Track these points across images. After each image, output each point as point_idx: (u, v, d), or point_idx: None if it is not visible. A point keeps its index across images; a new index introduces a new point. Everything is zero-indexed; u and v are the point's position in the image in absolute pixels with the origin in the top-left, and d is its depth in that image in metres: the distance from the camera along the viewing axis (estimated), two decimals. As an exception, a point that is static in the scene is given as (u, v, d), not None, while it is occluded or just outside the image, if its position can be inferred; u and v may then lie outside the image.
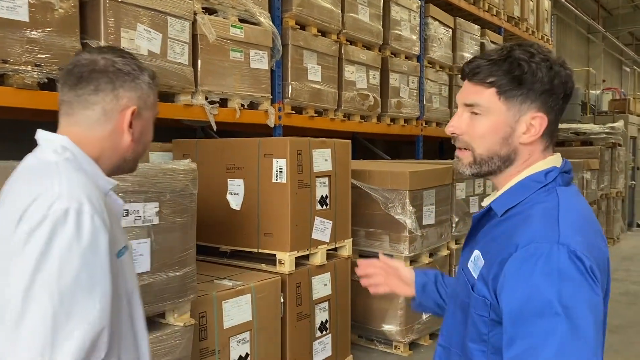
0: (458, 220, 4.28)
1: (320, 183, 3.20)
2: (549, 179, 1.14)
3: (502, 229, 1.14)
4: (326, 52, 4.27)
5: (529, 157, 1.17)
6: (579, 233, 1.04)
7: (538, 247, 1.01)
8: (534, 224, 1.06)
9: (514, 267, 1.03)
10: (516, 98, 1.13)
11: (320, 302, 3.24)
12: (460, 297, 1.21)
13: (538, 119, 1.14)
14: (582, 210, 1.13)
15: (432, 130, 5.90)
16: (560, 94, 1.15)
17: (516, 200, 1.15)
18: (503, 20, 7.37)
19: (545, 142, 1.17)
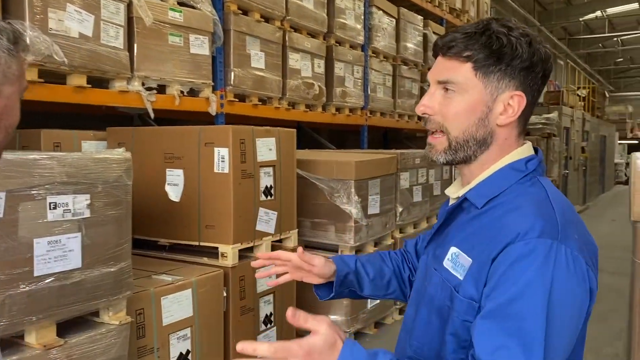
0: (402, 210, 4.29)
1: (265, 173, 3.12)
2: (530, 167, 1.06)
3: (485, 222, 1.03)
4: (270, 38, 4.17)
5: (504, 142, 1.08)
6: (573, 228, 0.97)
7: (538, 243, 0.92)
8: (529, 214, 0.97)
9: (508, 261, 0.94)
10: (494, 74, 1.04)
11: (264, 295, 3.17)
12: (438, 301, 1.08)
13: (517, 98, 1.05)
14: (566, 202, 1.05)
15: (377, 120, 5.90)
16: (539, 72, 1.06)
17: (497, 190, 1.05)
18: (445, 12, 7.46)
19: (520, 126, 1.09)
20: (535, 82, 1.06)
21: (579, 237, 0.96)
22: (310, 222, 3.78)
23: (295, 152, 3.39)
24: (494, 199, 1.05)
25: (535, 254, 0.91)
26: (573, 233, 0.95)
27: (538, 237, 0.92)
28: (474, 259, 1.01)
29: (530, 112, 1.08)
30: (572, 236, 0.94)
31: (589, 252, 0.96)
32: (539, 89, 1.08)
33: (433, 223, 4.97)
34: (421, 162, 4.60)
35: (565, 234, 0.93)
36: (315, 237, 3.78)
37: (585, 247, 0.96)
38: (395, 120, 6.29)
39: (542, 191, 1.02)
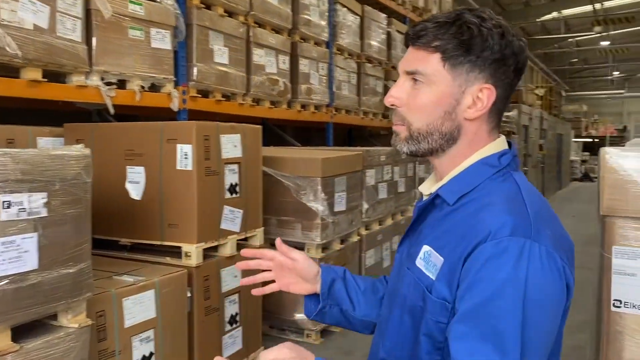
0: (368, 207, 4.30)
1: (230, 170, 3.06)
2: (503, 162, 1.03)
3: (457, 219, 1.00)
4: (234, 34, 4.10)
5: (474, 137, 1.04)
6: (547, 224, 0.94)
7: (510, 241, 0.89)
8: (501, 212, 0.94)
9: (480, 261, 0.90)
10: (463, 66, 1.01)
11: (230, 295, 3.11)
12: (410, 301, 1.04)
13: (486, 91, 1.01)
14: (540, 197, 1.02)
15: (342, 117, 5.90)
16: (511, 65, 1.02)
17: (470, 186, 1.02)
18: (408, 10, 7.51)
19: (492, 120, 1.05)
20: (507, 76, 1.02)
21: (553, 233, 0.93)
22: (276, 219, 3.74)
23: (261, 149, 3.34)
24: (466, 195, 1.02)
25: (508, 253, 0.88)
26: (546, 229, 0.92)
27: (510, 235, 0.89)
28: (445, 258, 0.98)
29: (503, 106, 1.05)
30: (546, 233, 0.91)
31: (563, 248, 0.93)
32: (512, 82, 1.04)
33: (398, 220, 5.00)
34: (386, 160, 4.61)
35: (538, 231, 0.90)
36: (281, 235, 3.74)
37: (559, 243, 0.93)
38: (360, 117, 6.30)
39: (515, 187, 0.99)
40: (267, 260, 1.32)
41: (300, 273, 1.27)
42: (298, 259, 1.28)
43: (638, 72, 29.31)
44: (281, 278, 1.30)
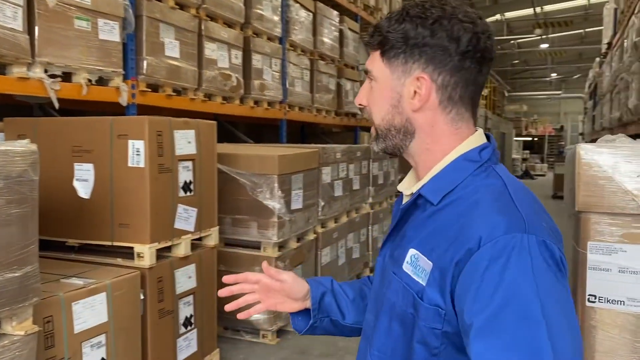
0: (324, 204, 4.27)
1: (184, 167, 2.95)
2: (483, 157, 0.99)
3: (443, 220, 0.96)
4: (185, 27, 3.97)
5: (431, 129, 1.01)
6: (539, 217, 0.91)
7: (507, 239, 0.84)
8: (490, 212, 0.89)
9: (481, 266, 0.84)
10: (398, 58, 1.00)
11: (184, 297, 3.01)
12: (399, 308, 0.99)
13: (422, 81, 0.98)
14: (527, 190, 0.98)
15: (295, 114, 5.84)
16: (451, 50, 0.96)
17: (452, 184, 0.97)
18: (360, 8, 7.54)
19: (448, 109, 1.00)
20: (448, 62, 0.97)
21: (547, 224, 0.90)
22: (231, 218, 3.65)
23: (216, 145, 3.25)
24: (449, 193, 0.98)
25: (507, 251, 0.83)
26: (540, 221, 0.89)
27: (505, 233, 0.85)
28: (434, 263, 0.93)
29: (454, 93, 1.00)
30: (540, 224, 0.88)
31: (557, 239, 0.90)
32: (462, 67, 0.98)
33: (353, 217, 5.00)
34: (342, 157, 4.60)
35: (533, 224, 0.87)
36: (236, 234, 3.66)
37: (554, 234, 0.90)
38: (314, 115, 6.27)
39: (499, 182, 0.95)
40: (251, 284, 1.27)
41: (289, 294, 1.24)
42: (287, 280, 1.23)
43: (574, 74, 30.68)
44: (267, 299, 1.26)
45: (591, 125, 14.62)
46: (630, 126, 6.81)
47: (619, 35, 8.38)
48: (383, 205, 5.83)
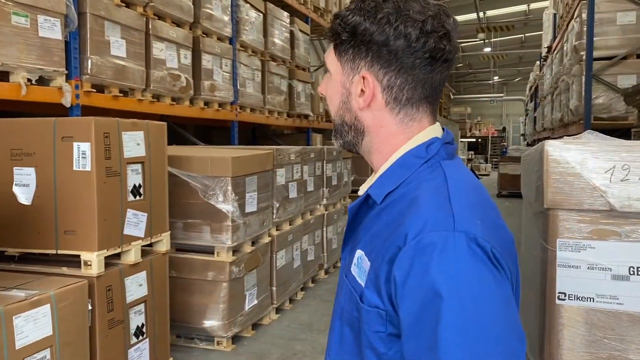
0: (278, 206, 4.20)
1: (133, 170, 2.83)
2: (430, 152, 0.94)
3: (385, 220, 0.92)
4: (132, 25, 3.83)
5: (380, 128, 0.97)
6: (476, 213, 0.85)
7: (431, 237, 0.80)
8: (422, 208, 0.85)
9: (406, 264, 0.81)
10: (347, 53, 0.96)
11: (135, 305, 2.88)
12: (347, 311, 0.95)
13: (366, 79, 0.95)
14: (474, 185, 0.94)
15: (247, 115, 5.75)
16: (398, 48, 0.91)
17: (396, 182, 0.94)
18: (310, 10, 7.52)
19: (395, 111, 0.96)
20: (395, 60, 0.92)
21: (484, 222, 0.84)
22: (182, 223, 3.54)
23: (166, 147, 3.14)
24: (393, 191, 0.94)
25: (429, 250, 0.79)
26: (474, 218, 0.83)
27: (430, 231, 0.81)
28: (372, 262, 0.89)
29: (403, 92, 0.94)
30: (473, 222, 0.82)
31: (497, 237, 0.84)
32: (412, 65, 0.92)
33: (308, 219, 4.95)
34: (296, 159, 4.54)
35: (464, 221, 0.81)
36: (188, 239, 3.55)
37: (492, 232, 0.84)
38: (265, 116, 6.19)
39: (441, 177, 0.90)
40: None
41: None
42: None
43: (515, 77, 31.78)
44: None
45: (533, 126, 15.12)
46: (571, 126, 7.08)
47: (558, 39, 8.71)
48: (337, 207, 5.82)
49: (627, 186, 1.16)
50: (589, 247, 1.21)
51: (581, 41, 6.08)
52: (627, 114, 5.84)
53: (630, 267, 1.17)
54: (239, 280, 3.65)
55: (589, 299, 1.23)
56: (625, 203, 1.16)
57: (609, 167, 1.14)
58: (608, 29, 5.93)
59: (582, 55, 6.04)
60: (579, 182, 1.20)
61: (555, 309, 1.27)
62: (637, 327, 1.17)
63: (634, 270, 1.16)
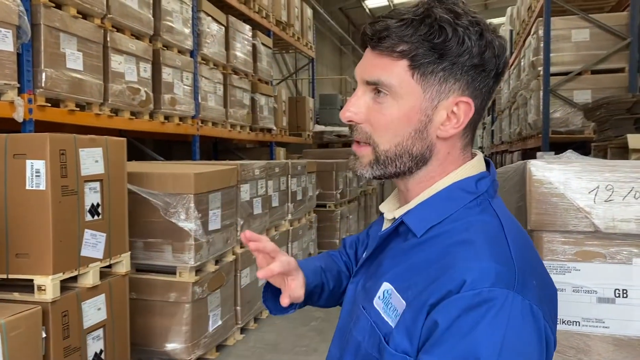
0: (243, 223, 4.11)
1: (91, 189, 2.70)
2: (480, 188, 0.86)
3: (425, 255, 0.83)
4: (89, 37, 3.70)
5: (447, 156, 0.88)
6: (533, 271, 0.78)
7: (494, 293, 0.72)
8: (481, 256, 0.76)
9: (454, 312, 0.73)
10: (436, 75, 0.83)
11: (93, 330, 2.73)
12: (364, 349, 0.87)
13: (463, 106, 0.84)
14: (523, 233, 0.85)
15: (209, 130, 5.65)
16: (491, 71, 0.85)
17: (441, 216, 0.84)
18: (272, 24, 7.49)
19: (466, 136, 0.88)
20: (486, 84, 0.86)
21: (538, 282, 0.78)
22: (143, 242, 3.40)
23: (126, 164, 3.01)
24: (436, 226, 0.85)
25: (487, 307, 0.72)
26: (531, 279, 0.77)
27: (491, 286, 0.73)
28: (408, 303, 0.80)
29: (479, 118, 0.88)
30: (531, 283, 0.76)
31: (547, 299, 0.79)
32: (491, 90, 0.87)
33: (272, 235, 4.86)
34: (260, 174, 4.46)
35: (524, 282, 0.75)
36: (149, 259, 3.42)
37: (544, 294, 0.79)
38: (228, 130, 6.10)
39: (496, 221, 0.82)
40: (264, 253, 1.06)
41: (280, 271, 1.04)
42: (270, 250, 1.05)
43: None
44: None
45: (490, 139, 15.46)
46: (530, 140, 7.24)
47: (515, 55, 8.93)
48: (302, 222, 5.75)
49: (612, 207, 1.16)
50: (574, 269, 1.19)
51: (538, 57, 6.24)
52: (584, 128, 6.00)
53: (615, 289, 1.16)
54: (202, 301, 3.53)
55: (575, 323, 1.21)
56: (610, 224, 1.15)
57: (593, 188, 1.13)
58: (563, 46, 6.11)
59: (539, 71, 6.19)
60: (562, 203, 1.19)
61: (540, 334, 1.24)
62: (623, 351, 1.16)
63: (619, 292, 1.15)
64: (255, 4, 6.80)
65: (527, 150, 7.97)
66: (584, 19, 6.02)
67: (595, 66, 5.97)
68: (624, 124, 3.16)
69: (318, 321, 4.61)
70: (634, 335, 1.19)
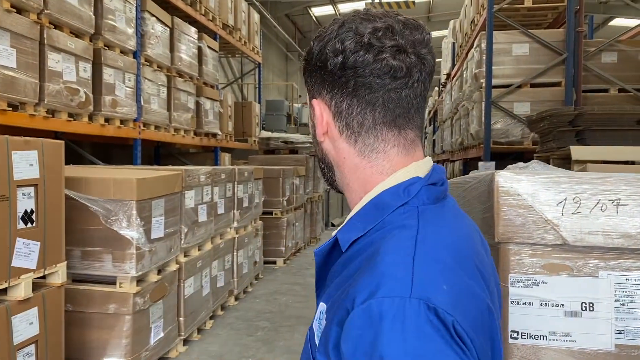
0: (187, 231, 3.97)
1: (24, 194, 2.52)
2: (409, 194, 0.81)
3: (348, 271, 0.79)
4: (24, 33, 3.48)
5: (344, 162, 0.86)
6: (444, 275, 0.72)
7: (381, 304, 0.67)
8: (379, 266, 0.71)
9: (353, 335, 0.68)
10: (309, 83, 0.90)
11: (24, 347, 2.54)
12: None
13: (317, 107, 0.87)
14: (454, 238, 0.80)
15: (151, 133, 5.46)
16: (338, 66, 0.82)
17: (365, 227, 0.80)
18: (218, 27, 7.36)
19: (351, 140, 0.85)
20: (339, 81, 0.83)
21: (453, 287, 0.71)
22: (80, 251, 3.21)
23: (64, 168, 2.84)
24: (361, 238, 0.80)
25: (377, 319, 0.66)
26: (440, 282, 0.70)
27: (381, 296, 0.68)
28: (327, 321, 0.77)
29: (363, 121, 0.83)
30: (438, 287, 0.69)
31: (466, 307, 0.71)
32: (356, 86, 0.82)
33: (218, 243, 4.73)
34: (206, 180, 4.33)
35: (425, 286, 0.68)
36: (87, 269, 3.23)
37: (462, 300, 0.71)
38: (171, 134, 5.91)
39: (412, 225, 0.76)
40: None
41: None
42: None
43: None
44: None
45: (431, 148, 15.80)
46: (471, 150, 7.42)
47: (457, 66, 9.17)
48: (248, 229, 5.64)
49: (579, 219, 1.15)
50: (542, 282, 1.18)
51: (481, 69, 6.41)
52: (523, 139, 6.21)
53: (582, 302, 1.15)
54: (144, 312, 3.37)
55: (542, 337, 1.20)
56: (578, 237, 1.15)
57: (561, 200, 1.12)
58: (504, 59, 6.31)
59: (481, 83, 6.35)
60: (530, 215, 1.18)
61: (508, 348, 1.23)
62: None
63: (585, 306, 1.15)
64: (202, 7, 6.66)
65: (469, 160, 8.18)
66: (524, 34, 6.24)
67: (534, 79, 6.19)
68: (566, 136, 3.27)
69: (264, 331, 4.51)
70: (600, 349, 1.20)
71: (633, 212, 1.18)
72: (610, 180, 1.19)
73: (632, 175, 1.20)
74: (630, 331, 1.19)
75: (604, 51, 6.22)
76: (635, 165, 2.81)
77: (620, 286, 1.20)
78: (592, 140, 3.35)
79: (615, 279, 1.19)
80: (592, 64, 6.14)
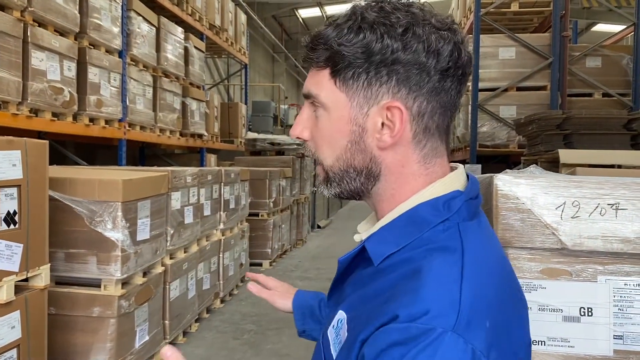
0: (173, 233, 3.92)
1: (7, 195, 2.46)
2: (449, 210, 0.76)
3: (379, 285, 0.74)
4: (6, 31, 3.42)
5: (402, 169, 0.79)
6: (489, 311, 0.68)
7: (424, 330, 0.63)
8: (424, 290, 0.67)
9: (379, 345, 0.65)
10: (358, 80, 0.76)
11: (5, 351, 2.48)
12: None
13: (394, 110, 0.76)
14: (496, 263, 0.76)
15: (136, 134, 5.39)
16: (427, 67, 0.74)
17: (401, 243, 0.75)
18: (205, 27, 7.31)
19: (422, 143, 0.78)
20: (426, 82, 0.75)
21: (495, 324, 0.68)
22: (64, 253, 3.15)
23: (48, 169, 2.78)
24: (395, 253, 0.76)
25: (415, 343, 0.63)
26: (484, 319, 0.67)
27: (424, 323, 0.64)
28: (349, 334, 0.74)
29: (430, 123, 0.77)
30: (482, 324, 0.66)
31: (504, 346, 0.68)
32: (442, 88, 0.76)
33: (204, 245, 4.68)
34: (192, 181, 4.29)
35: (469, 322, 0.65)
36: (71, 271, 3.17)
37: (500, 339, 0.68)
38: (157, 135, 5.85)
39: (456, 249, 0.72)
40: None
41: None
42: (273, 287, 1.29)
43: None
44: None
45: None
46: (457, 152, 7.46)
47: (444, 69, 9.22)
48: (234, 231, 5.59)
49: (578, 223, 1.15)
50: (540, 287, 1.17)
51: (467, 72, 6.44)
52: (509, 142, 6.25)
53: (580, 307, 1.15)
54: (129, 316, 3.32)
55: (541, 343, 1.19)
56: (577, 241, 1.15)
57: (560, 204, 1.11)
58: (491, 63, 6.35)
59: (468, 86, 6.38)
60: (529, 219, 1.17)
61: (505, 355, 1.21)
62: (588, 370, 1.15)
63: (584, 311, 1.14)
64: (188, 6, 6.61)
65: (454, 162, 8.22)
66: (511, 38, 6.28)
67: (520, 83, 6.24)
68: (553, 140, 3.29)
69: (250, 334, 4.47)
70: (599, 355, 1.19)
71: (632, 217, 1.17)
72: (609, 185, 1.18)
73: (630, 179, 1.20)
74: (629, 336, 1.19)
75: (588, 56, 6.29)
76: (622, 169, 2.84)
77: (619, 291, 1.19)
78: (580, 143, 3.37)
79: (614, 283, 1.19)
80: (577, 68, 6.20)
